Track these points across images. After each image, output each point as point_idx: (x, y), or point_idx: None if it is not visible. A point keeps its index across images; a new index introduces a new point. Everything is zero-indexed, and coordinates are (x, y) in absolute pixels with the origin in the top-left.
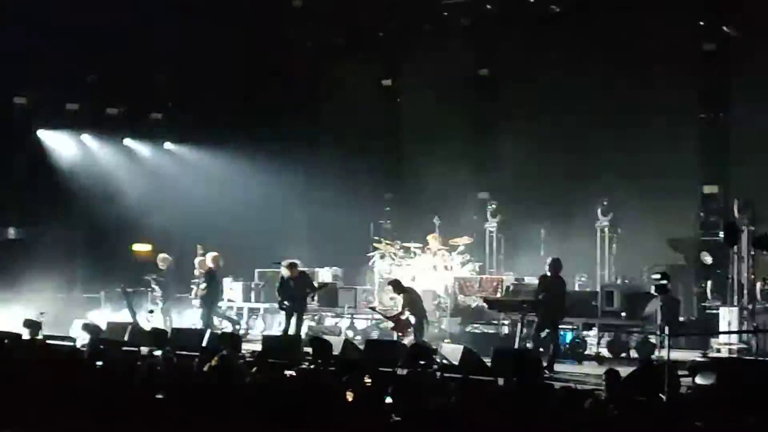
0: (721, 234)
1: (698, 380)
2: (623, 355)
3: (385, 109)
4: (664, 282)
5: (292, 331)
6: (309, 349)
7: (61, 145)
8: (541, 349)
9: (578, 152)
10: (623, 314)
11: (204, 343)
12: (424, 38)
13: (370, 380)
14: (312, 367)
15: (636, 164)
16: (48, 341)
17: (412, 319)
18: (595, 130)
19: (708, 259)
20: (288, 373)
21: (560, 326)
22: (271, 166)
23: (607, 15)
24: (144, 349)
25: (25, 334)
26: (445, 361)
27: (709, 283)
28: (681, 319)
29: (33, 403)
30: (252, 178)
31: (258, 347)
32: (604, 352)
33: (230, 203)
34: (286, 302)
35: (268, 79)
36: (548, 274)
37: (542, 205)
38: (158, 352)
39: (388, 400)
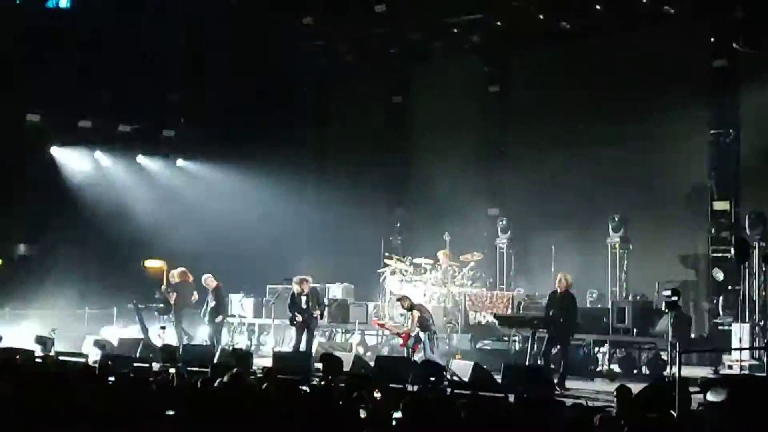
0: (732, 250)
1: (709, 397)
2: (634, 371)
3: (396, 126)
4: (675, 299)
5: (303, 347)
6: (320, 365)
7: (74, 162)
8: (552, 366)
9: (589, 168)
10: (634, 331)
11: (215, 360)
12: (434, 55)
13: (379, 395)
14: (323, 383)
15: (647, 180)
16: (60, 357)
17: (422, 336)
18: (606, 146)
19: (719, 275)
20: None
21: (571, 343)
22: (282, 183)
23: (617, 32)
24: (155, 365)
25: (37, 351)
26: (455, 378)
27: (720, 299)
28: (692, 335)
29: (44, 418)
30: (263, 194)
31: (269, 363)
32: (616, 369)
33: (241, 219)
34: (297, 318)
35: (280, 96)
36: (559, 290)
37: (553, 221)
38: (170, 370)
39: (398, 414)
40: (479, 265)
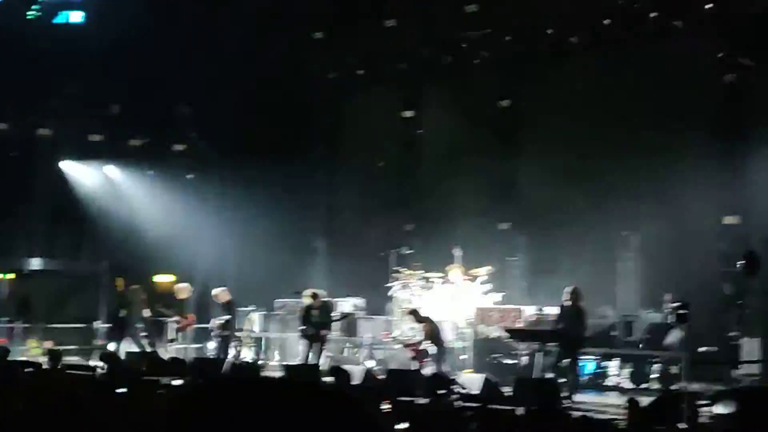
0: (742, 264)
1: (719, 409)
2: (644, 385)
3: (406, 141)
4: (685, 311)
5: (311, 360)
6: (329, 379)
7: (84, 176)
8: (561, 380)
9: (599, 183)
10: (643, 345)
11: (223, 372)
12: (444, 70)
13: (389, 407)
14: None
15: (657, 195)
16: (68, 371)
17: (432, 349)
18: (616, 161)
19: (729, 289)
20: None
21: (580, 356)
22: (292, 196)
23: (626, 47)
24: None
25: (46, 364)
26: (464, 391)
27: (730, 313)
28: (702, 349)
29: (52, 431)
30: (272, 207)
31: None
32: (625, 383)
33: (251, 233)
34: (308, 331)
35: (290, 111)
36: (568, 303)
37: (564, 235)
38: (177, 381)
39: (403, 425)
40: (490, 280)
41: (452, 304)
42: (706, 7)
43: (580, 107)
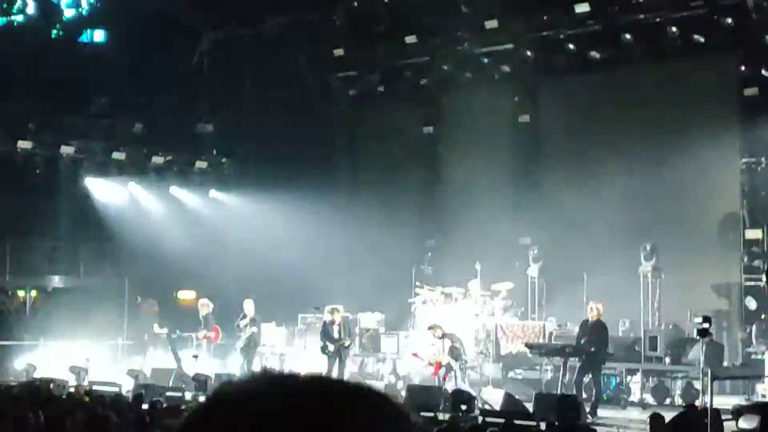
0: (765, 278)
1: (742, 424)
2: (667, 400)
3: (427, 156)
4: (706, 326)
5: (334, 376)
6: None
7: (108, 193)
8: (584, 396)
9: (620, 196)
10: (667, 359)
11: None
12: (464, 85)
13: None
14: None
15: (679, 208)
16: (93, 387)
17: (454, 365)
18: (637, 174)
19: (752, 304)
20: None
21: (603, 371)
22: (314, 212)
23: (647, 61)
24: (188, 395)
25: (71, 380)
26: (486, 406)
27: (753, 327)
28: (725, 364)
29: None
30: (294, 223)
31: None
32: (648, 398)
33: (273, 249)
34: (329, 347)
35: (312, 126)
36: (590, 318)
37: (584, 250)
38: (202, 398)
39: None
40: (510, 295)
41: (474, 320)
42: (727, 21)
43: (601, 121)
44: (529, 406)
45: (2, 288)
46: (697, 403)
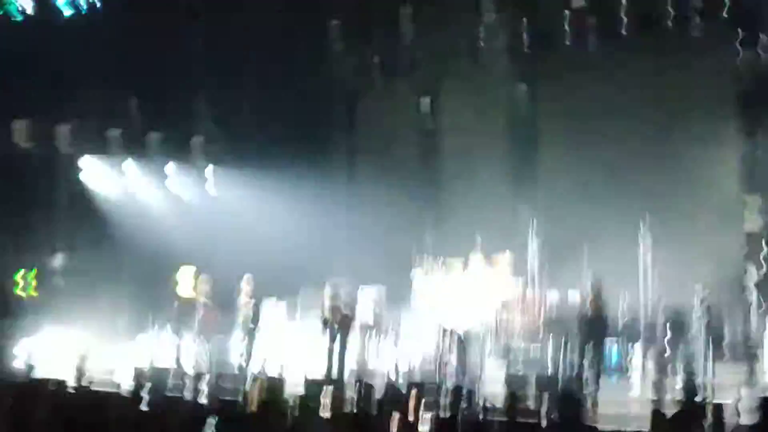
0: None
1: (744, 418)
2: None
3: (425, 128)
4: (709, 304)
5: (336, 354)
6: (351, 393)
7: (104, 171)
8: (586, 366)
9: (620, 167)
10: (668, 330)
11: (247, 387)
12: (461, 56)
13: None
14: (355, 410)
15: (679, 179)
16: (92, 387)
17: (454, 361)
18: (637, 144)
19: (754, 275)
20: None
21: (604, 346)
22: (313, 187)
23: (648, 36)
24: (187, 394)
25: (70, 380)
26: (487, 403)
27: (754, 300)
28: (726, 355)
29: None
30: (293, 199)
31: (300, 390)
32: (649, 373)
33: (272, 225)
34: (329, 322)
35: (309, 100)
36: (589, 294)
37: (585, 220)
38: (203, 401)
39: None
40: (511, 266)
41: (474, 291)
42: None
43: (600, 91)
44: (531, 402)
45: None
46: (698, 396)
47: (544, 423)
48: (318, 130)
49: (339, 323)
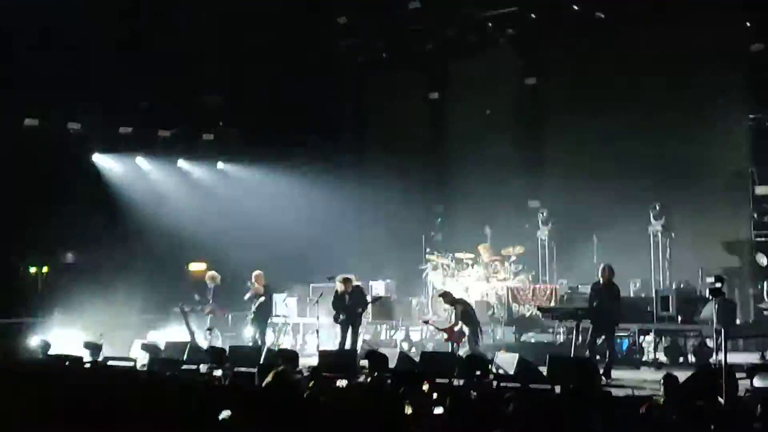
0: None
1: (756, 383)
2: (680, 359)
3: (433, 122)
4: (719, 285)
5: (348, 345)
6: (365, 363)
7: (116, 168)
8: (597, 357)
9: (628, 157)
10: (679, 319)
11: (261, 360)
12: (470, 50)
13: (427, 387)
14: (368, 380)
15: (687, 167)
16: (108, 362)
17: (466, 330)
18: (645, 134)
19: (763, 260)
20: (341, 384)
21: (616, 333)
22: (322, 181)
23: (652, 19)
24: (203, 367)
25: (86, 356)
26: (500, 371)
27: (765, 284)
28: (738, 321)
29: (93, 424)
30: (303, 193)
31: (314, 362)
32: (661, 357)
33: (283, 219)
34: (341, 316)
35: (318, 95)
36: (602, 280)
37: (594, 211)
38: (218, 371)
39: (439, 410)
40: (521, 258)
41: (485, 284)
42: None
43: (608, 81)
44: (543, 370)
45: (15, 265)
46: (711, 361)
47: (557, 389)
48: (327, 127)
49: (351, 292)
